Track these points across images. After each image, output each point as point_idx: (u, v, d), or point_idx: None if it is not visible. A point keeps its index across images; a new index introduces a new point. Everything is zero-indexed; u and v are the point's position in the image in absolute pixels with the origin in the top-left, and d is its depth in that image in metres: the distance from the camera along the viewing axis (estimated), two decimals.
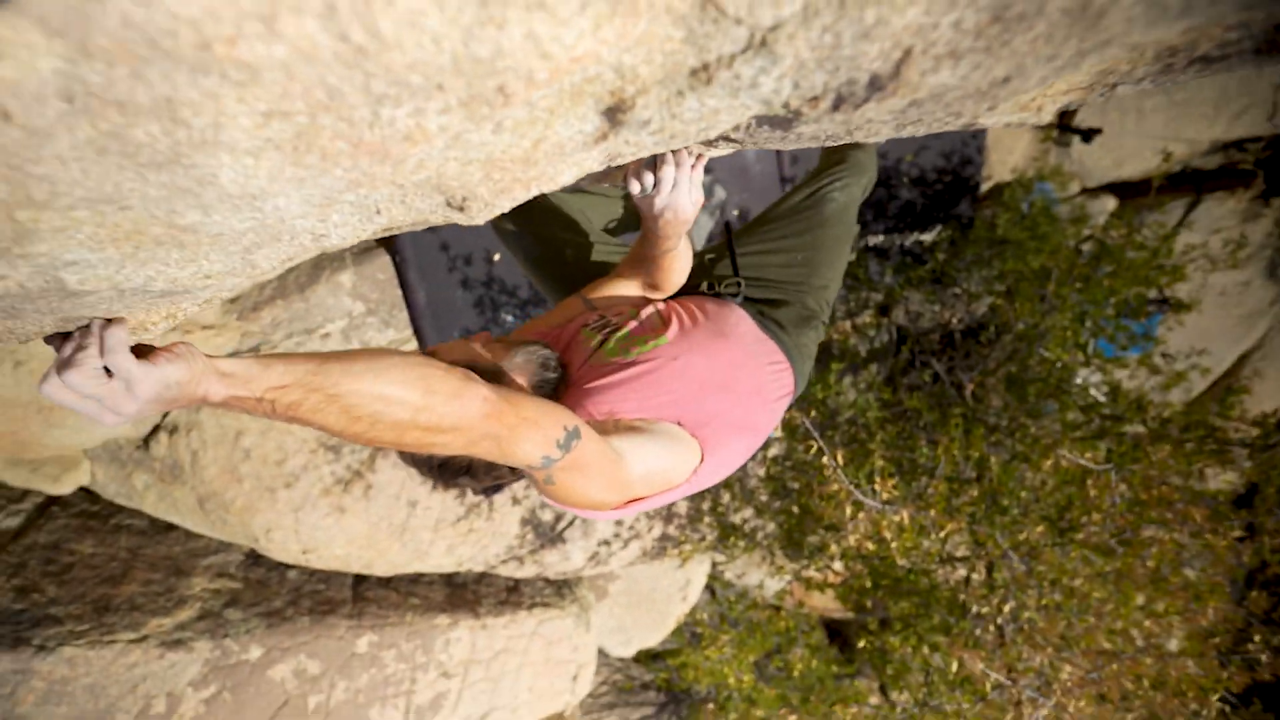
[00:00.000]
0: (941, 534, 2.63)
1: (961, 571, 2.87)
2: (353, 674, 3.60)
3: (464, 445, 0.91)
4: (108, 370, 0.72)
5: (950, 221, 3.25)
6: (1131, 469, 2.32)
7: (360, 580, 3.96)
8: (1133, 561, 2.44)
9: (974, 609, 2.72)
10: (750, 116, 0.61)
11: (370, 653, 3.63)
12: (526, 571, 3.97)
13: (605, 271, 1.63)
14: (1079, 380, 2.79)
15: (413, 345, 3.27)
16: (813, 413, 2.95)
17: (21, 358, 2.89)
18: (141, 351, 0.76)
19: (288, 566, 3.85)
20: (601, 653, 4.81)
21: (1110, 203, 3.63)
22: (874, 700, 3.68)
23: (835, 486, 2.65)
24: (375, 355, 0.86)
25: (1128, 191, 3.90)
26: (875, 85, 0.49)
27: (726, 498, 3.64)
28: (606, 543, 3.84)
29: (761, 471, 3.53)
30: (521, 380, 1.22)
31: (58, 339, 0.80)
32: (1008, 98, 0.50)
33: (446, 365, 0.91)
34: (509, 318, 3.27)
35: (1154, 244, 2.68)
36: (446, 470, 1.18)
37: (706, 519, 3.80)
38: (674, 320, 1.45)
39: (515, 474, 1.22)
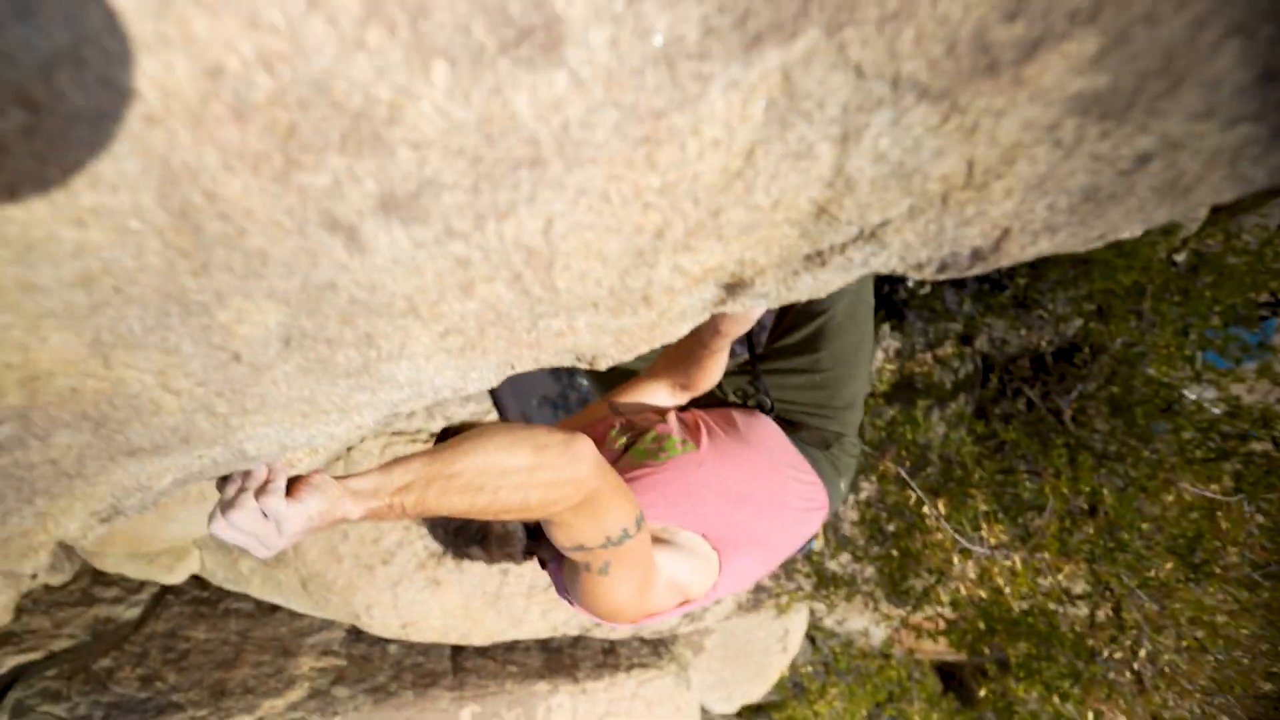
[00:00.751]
0: (1059, 576, 2.55)
1: (1085, 610, 2.75)
2: None
3: (578, 501, 0.98)
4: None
5: None
6: (1267, 497, 2.20)
7: (458, 651, 4.09)
8: None
9: (1104, 652, 2.61)
10: (857, 278, 0.70)
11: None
12: (622, 632, 4.01)
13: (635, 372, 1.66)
14: (1191, 397, 2.67)
15: (493, 416, 3.42)
16: (904, 455, 2.92)
17: (109, 515, 3.16)
18: (288, 486, 0.85)
19: (388, 641, 4.01)
20: (704, 710, 4.77)
21: (1201, 210, 3.48)
22: None
23: (939, 535, 2.62)
24: (480, 431, 0.96)
25: None
26: (977, 256, 0.56)
27: (820, 544, 3.61)
28: None
29: (854, 515, 3.50)
30: None
31: (219, 480, 0.89)
32: (1103, 241, 0.55)
33: (549, 427, 1.00)
34: (584, 381, 3.39)
35: (1257, 248, 2.57)
36: (460, 537, 1.22)
37: (802, 567, 3.78)
38: (702, 427, 1.46)
39: (526, 552, 1.26)
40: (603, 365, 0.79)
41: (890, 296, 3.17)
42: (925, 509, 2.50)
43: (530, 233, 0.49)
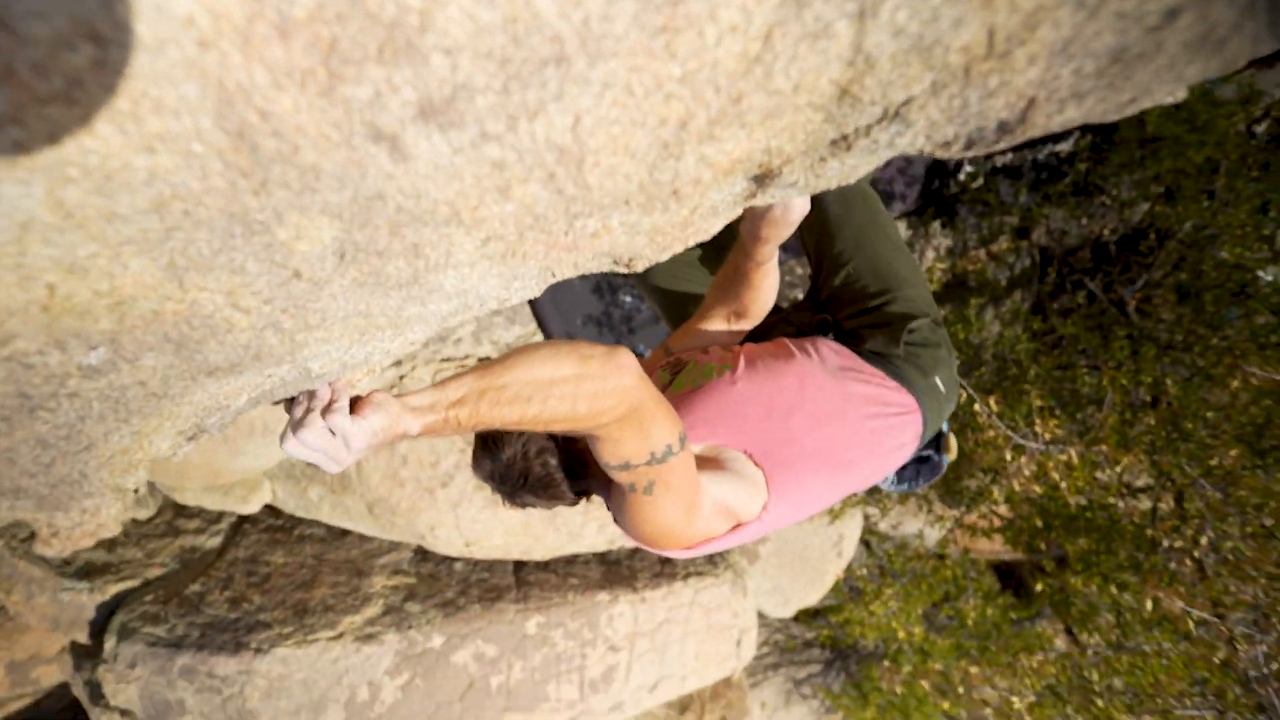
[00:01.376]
0: (1117, 468, 2.56)
1: (1146, 503, 2.76)
2: (527, 654, 3.98)
3: (624, 412, 1.03)
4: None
5: (1089, 126, 3.03)
6: None
7: (520, 566, 4.35)
8: None
9: (1165, 543, 2.63)
10: (882, 163, 0.70)
11: (540, 633, 3.99)
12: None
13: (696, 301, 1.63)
14: (1267, 278, 2.56)
15: (539, 338, 3.51)
16: (955, 356, 2.92)
17: (195, 433, 3.37)
18: (350, 404, 0.92)
19: (454, 559, 4.29)
20: (761, 615, 5.00)
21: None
22: (1060, 644, 3.63)
23: (991, 432, 2.63)
24: (526, 346, 1.02)
25: None
26: (1004, 129, 0.56)
27: (953, 455, 3.65)
28: None
29: None
30: None
31: (286, 402, 0.99)
32: (1136, 107, 0.55)
33: (593, 342, 1.05)
34: (627, 299, 3.43)
35: None
36: (506, 480, 1.26)
37: None
38: (742, 352, 1.43)
39: (574, 494, 1.30)
40: (640, 266, 0.83)
41: (940, 192, 3.07)
42: (976, 407, 2.51)
43: (560, 130, 0.52)
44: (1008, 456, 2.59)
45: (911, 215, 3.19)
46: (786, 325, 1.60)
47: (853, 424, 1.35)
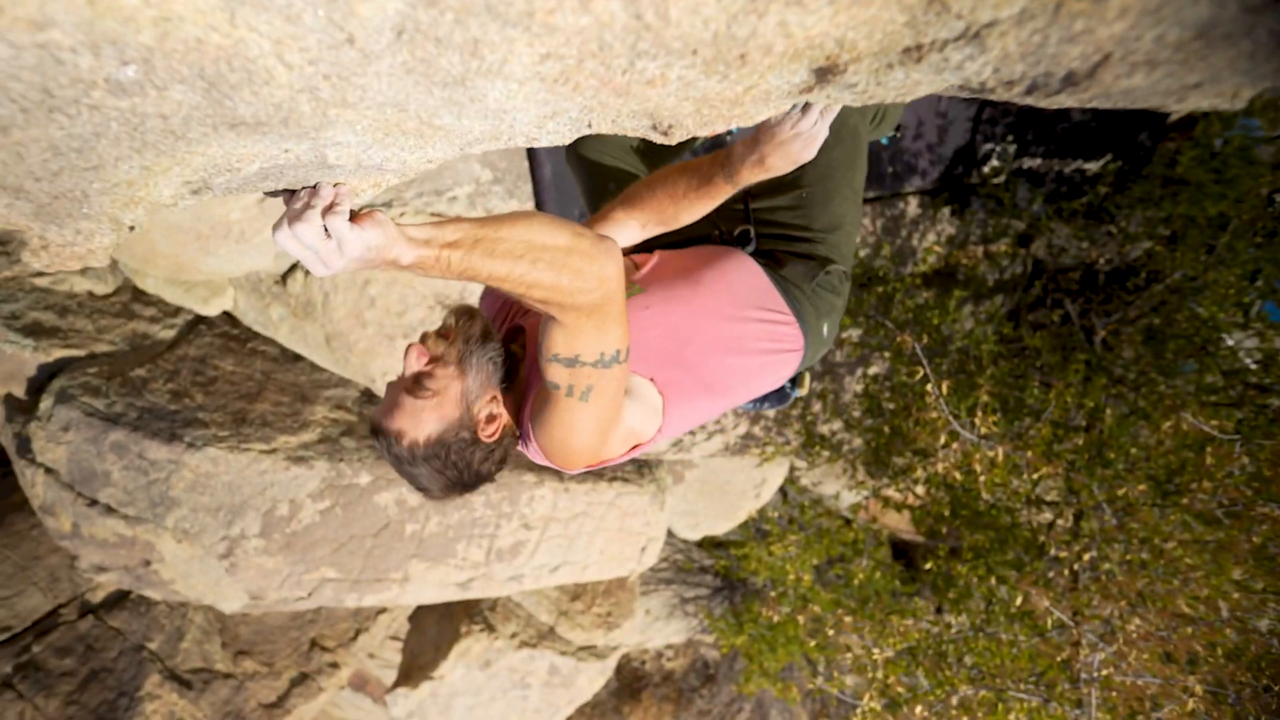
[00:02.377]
0: (1034, 475, 2.70)
1: (1047, 515, 2.94)
2: (446, 512, 4.09)
3: (597, 300, 1.05)
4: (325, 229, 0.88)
5: (1123, 152, 3.03)
6: (1261, 443, 2.27)
7: None
8: (1238, 535, 2.43)
9: (1052, 552, 2.82)
10: (944, 87, 0.69)
11: (464, 496, 4.09)
12: None
13: None
14: (1229, 342, 2.66)
15: None
16: (924, 338, 2.98)
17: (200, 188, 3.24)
18: (350, 215, 0.90)
19: None
20: (669, 532, 5.23)
21: None
22: (927, 621, 3.91)
23: (934, 414, 2.73)
24: (525, 211, 1.04)
25: None
26: (1070, 81, 0.56)
27: (818, 407, 3.77)
28: (692, 432, 4.10)
29: (859, 388, 3.62)
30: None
31: (286, 194, 0.96)
32: (1196, 98, 0.55)
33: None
34: None
35: None
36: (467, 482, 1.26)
37: (795, 425, 3.97)
38: (654, 272, 1.40)
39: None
40: (676, 136, 0.81)
41: (960, 179, 3.06)
42: (929, 386, 2.59)
43: None
44: (941, 440, 2.70)
45: (925, 194, 3.18)
46: (711, 228, 1.56)
47: (747, 358, 1.37)
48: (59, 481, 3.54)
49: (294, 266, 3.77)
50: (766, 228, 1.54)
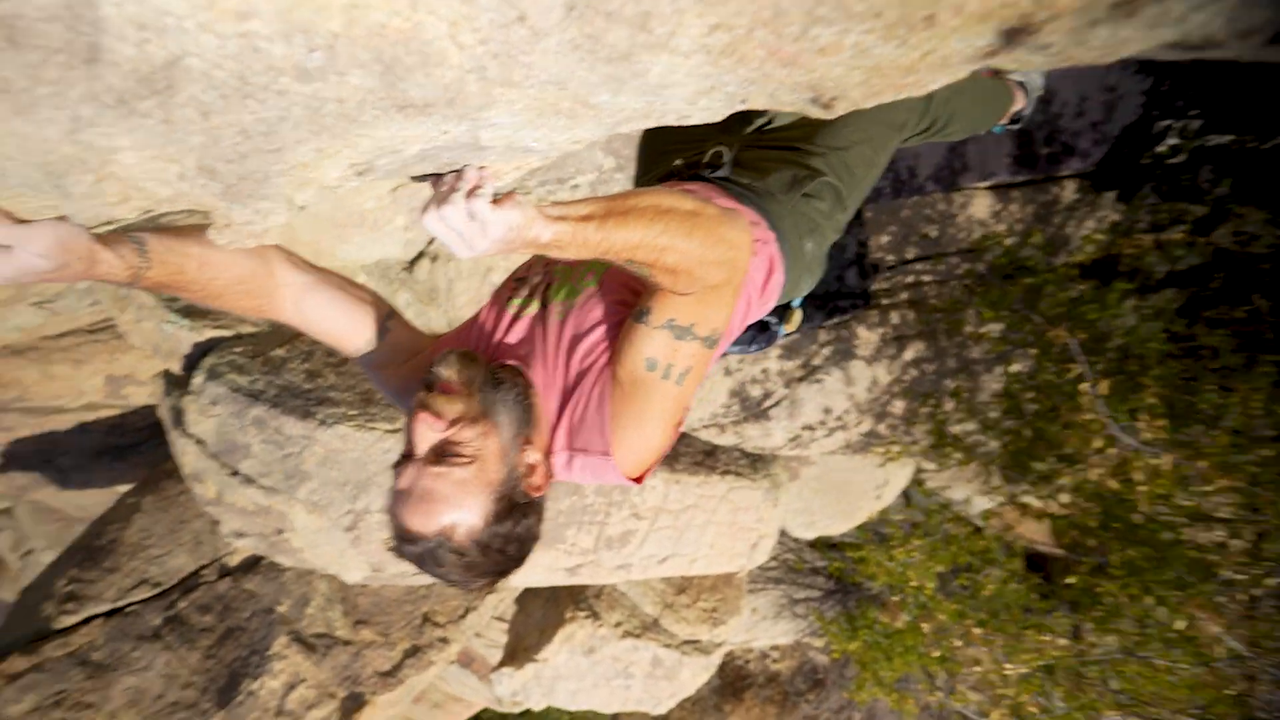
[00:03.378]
0: (1207, 488, 2.52)
1: (1220, 533, 2.74)
2: (558, 496, 4.22)
3: (729, 266, 1.10)
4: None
5: None
6: None
7: None
8: None
9: (1224, 574, 2.63)
10: (1156, 45, 0.63)
11: (575, 483, 4.24)
12: (726, 440, 4.33)
13: None
14: None
15: None
16: (1079, 334, 2.83)
17: (365, 170, 3.51)
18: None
19: None
20: (782, 531, 5.21)
21: None
22: (1063, 643, 3.72)
23: (1088, 416, 2.60)
24: (649, 187, 1.10)
25: None
26: None
27: (950, 405, 3.66)
28: (810, 428, 4.06)
29: (997, 386, 3.48)
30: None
31: (432, 178, 1.02)
32: None
33: None
34: None
35: None
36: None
37: (924, 424, 3.87)
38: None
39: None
40: (839, 109, 0.80)
41: (1128, 160, 2.87)
42: (1083, 385, 2.47)
43: None
44: (1095, 445, 2.57)
45: (1084, 178, 3.00)
46: (676, 160, 1.54)
47: None
48: (206, 452, 3.92)
49: (420, 255, 4.01)
50: (758, 148, 1.50)
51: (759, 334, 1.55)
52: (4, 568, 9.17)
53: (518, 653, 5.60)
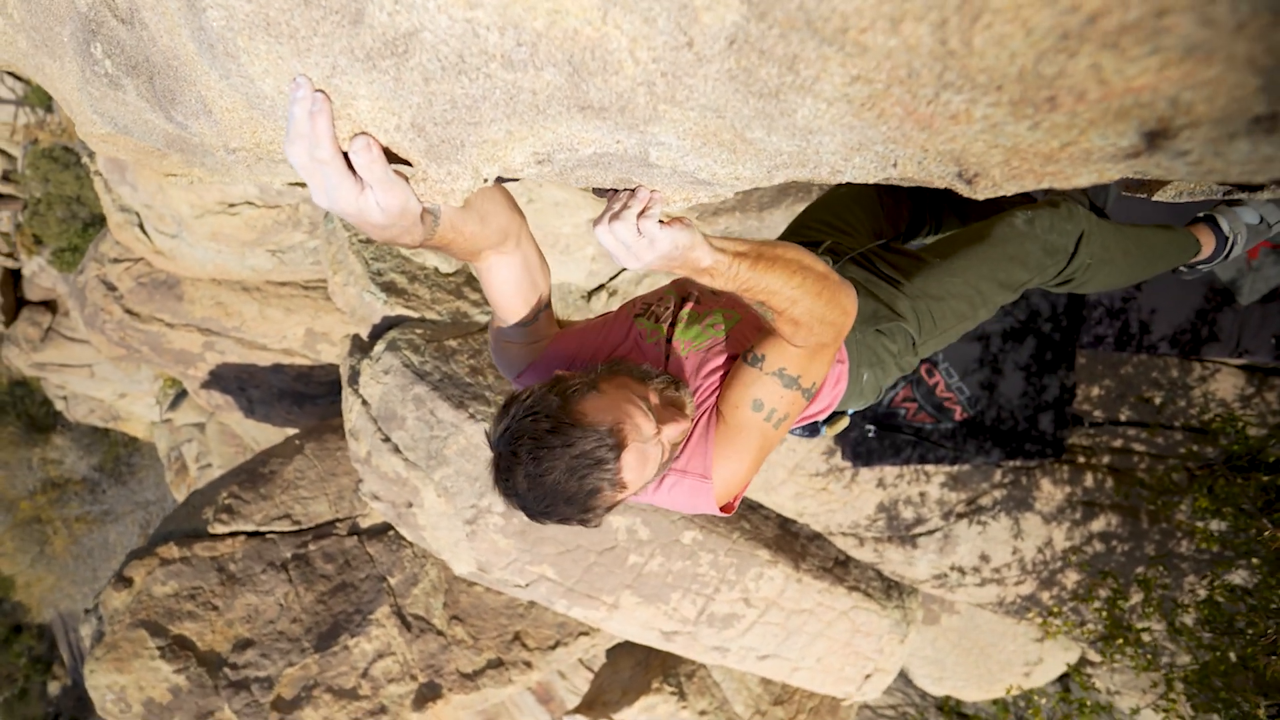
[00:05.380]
0: None
1: None
2: (671, 556, 4.28)
3: (839, 329, 1.28)
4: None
5: None
6: None
7: None
8: None
9: None
10: None
11: (692, 548, 4.26)
12: (864, 555, 4.16)
13: None
14: None
15: None
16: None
17: (532, 197, 3.91)
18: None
19: None
20: (905, 675, 4.86)
21: None
22: None
23: None
24: (790, 243, 1.24)
25: None
26: None
27: (1137, 597, 3.25)
28: (961, 570, 3.80)
29: (1202, 593, 3.05)
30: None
31: (610, 193, 1.20)
32: None
33: None
34: None
35: None
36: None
37: (1098, 604, 3.48)
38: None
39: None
40: (981, 188, 0.84)
41: None
42: None
43: None
44: None
45: None
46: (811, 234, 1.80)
47: None
48: (369, 414, 4.42)
49: (600, 287, 4.31)
50: (867, 267, 1.70)
51: (803, 426, 1.77)
52: (185, 473, 10.89)
53: (595, 705, 5.67)
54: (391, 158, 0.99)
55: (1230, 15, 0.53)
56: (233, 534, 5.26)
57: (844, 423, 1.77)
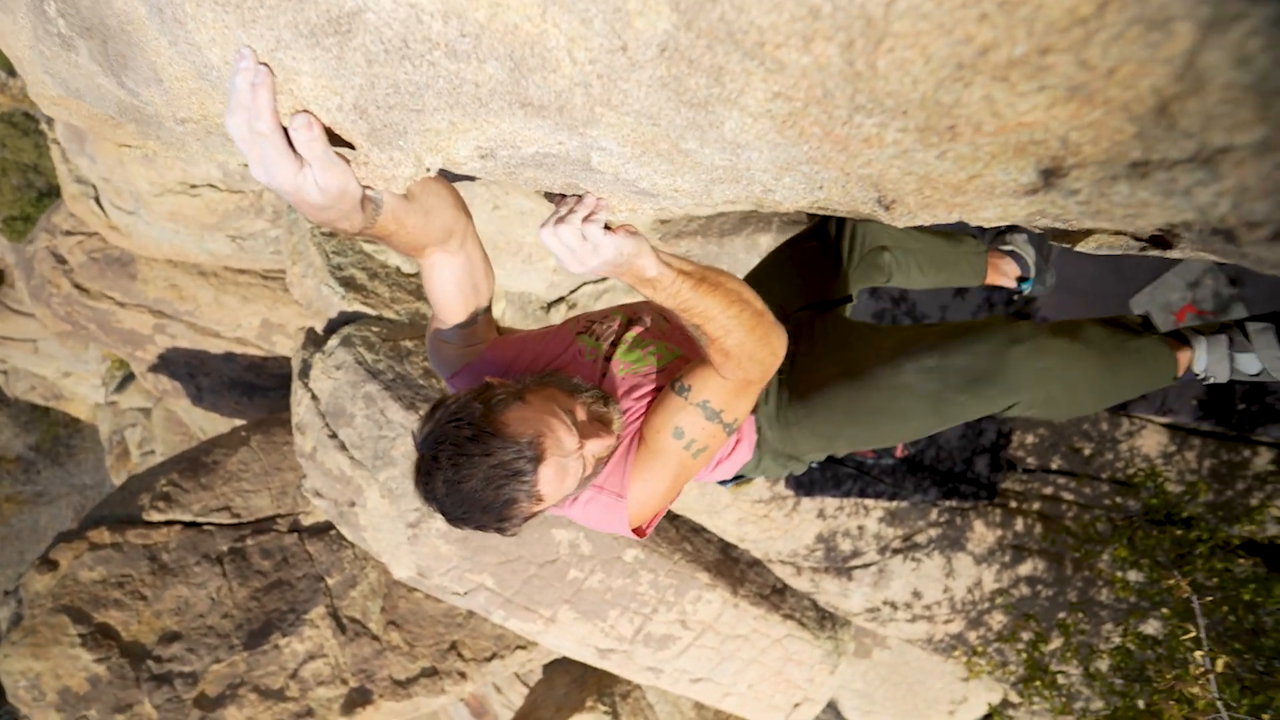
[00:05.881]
0: None
1: None
2: (612, 574, 4.29)
3: (766, 369, 1.32)
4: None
5: None
6: None
7: None
8: None
9: None
10: (1183, 220, 0.68)
11: (633, 565, 4.28)
12: (800, 584, 4.22)
13: None
14: None
15: None
16: (1225, 610, 2.56)
17: (499, 204, 3.95)
18: (606, 227, 1.15)
19: None
20: (835, 707, 4.92)
21: None
22: None
23: (1194, 689, 2.34)
24: (732, 275, 1.28)
25: None
26: None
27: (1057, 642, 3.36)
28: (893, 605, 3.88)
29: (1117, 639, 3.16)
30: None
31: (558, 197, 1.23)
32: None
33: None
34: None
35: None
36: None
37: (1020, 647, 3.58)
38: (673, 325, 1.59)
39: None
40: (898, 214, 0.88)
41: None
42: (1198, 654, 2.22)
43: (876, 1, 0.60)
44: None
45: None
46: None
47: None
48: (317, 408, 4.38)
49: (560, 299, 4.36)
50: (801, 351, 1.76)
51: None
52: (127, 458, 10.63)
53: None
54: (335, 140, 1.00)
55: (1102, 60, 0.57)
56: (168, 523, 5.15)
57: (750, 485, 1.89)
